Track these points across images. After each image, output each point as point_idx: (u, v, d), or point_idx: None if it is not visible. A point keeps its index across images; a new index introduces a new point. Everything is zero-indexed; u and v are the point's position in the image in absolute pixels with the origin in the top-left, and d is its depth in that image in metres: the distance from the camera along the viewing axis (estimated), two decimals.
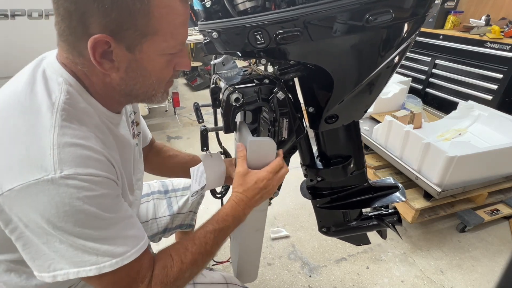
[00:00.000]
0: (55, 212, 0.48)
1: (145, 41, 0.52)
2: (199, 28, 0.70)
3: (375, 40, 0.62)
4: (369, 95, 0.74)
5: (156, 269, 0.60)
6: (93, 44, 0.49)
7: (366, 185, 0.94)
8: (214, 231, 0.68)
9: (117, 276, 0.55)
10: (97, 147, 0.54)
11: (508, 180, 1.72)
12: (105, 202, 0.53)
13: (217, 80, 0.78)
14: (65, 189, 0.48)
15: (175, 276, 0.60)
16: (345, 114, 0.76)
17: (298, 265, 1.57)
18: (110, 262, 0.53)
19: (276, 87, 0.70)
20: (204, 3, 0.66)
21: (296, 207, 1.94)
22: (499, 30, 2.22)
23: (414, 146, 1.63)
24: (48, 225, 0.48)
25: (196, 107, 0.81)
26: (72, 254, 0.51)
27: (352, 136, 0.85)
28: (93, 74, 0.56)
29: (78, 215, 0.49)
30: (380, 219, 1.00)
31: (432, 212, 1.66)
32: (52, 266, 0.52)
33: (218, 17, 0.67)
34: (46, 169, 0.47)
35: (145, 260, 0.59)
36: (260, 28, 0.57)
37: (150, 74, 0.58)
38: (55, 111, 0.51)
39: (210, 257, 0.68)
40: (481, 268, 1.56)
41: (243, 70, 0.79)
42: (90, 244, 0.51)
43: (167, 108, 3.27)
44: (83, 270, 0.52)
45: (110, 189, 0.55)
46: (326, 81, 0.67)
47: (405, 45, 0.65)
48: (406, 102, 2.35)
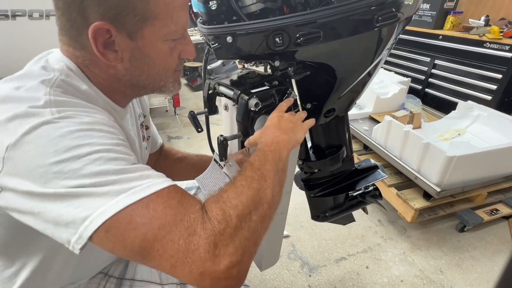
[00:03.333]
0: (57, 149, 0.42)
1: (146, 26, 0.51)
2: (202, 32, 0.68)
3: (378, 38, 0.65)
4: (362, 88, 0.79)
5: (207, 204, 0.46)
6: (94, 32, 0.49)
7: (353, 169, 1.00)
8: (254, 170, 0.53)
9: (161, 200, 0.42)
10: (101, 115, 0.51)
11: (507, 180, 1.73)
12: (112, 136, 0.48)
13: (215, 86, 0.76)
14: (63, 123, 0.44)
15: (233, 201, 0.45)
16: (341, 107, 0.81)
17: (298, 265, 1.57)
18: (141, 187, 0.43)
19: (288, 87, 0.71)
20: (209, 6, 0.64)
21: (296, 207, 1.94)
22: (498, 31, 2.22)
23: (414, 146, 1.64)
24: (55, 168, 0.41)
25: (193, 115, 0.77)
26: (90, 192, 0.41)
27: (344, 125, 0.91)
28: (96, 66, 0.55)
29: (82, 149, 0.42)
30: (364, 196, 1.07)
31: (432, 212, 1.66)
32: (78, 216, 0.41)
33: (220, 20, 0.65)
34: (43, 115, 0.44)
35: (186, 192, 0.47)
36: (281, 31, 0.57)
37: (155, 62, 0.56)
38: (50, 85, 0.49)
39: (267, 192, 0.50)
40: (481, 267, 1.56)
41: (241, 73, 0.78)
42: (105, 178, 0.42)
43: (167, 108, 3.27)
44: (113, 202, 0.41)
45: (118, 134, 0.50)
46: (330, 77, 0.70)
47: (394, 41, 0.70)
48: (405, 102, 2.35)
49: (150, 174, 0.46)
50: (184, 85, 4.44)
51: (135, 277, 0.80)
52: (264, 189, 0.49)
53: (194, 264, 0.40)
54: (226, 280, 0.41)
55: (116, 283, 0.77)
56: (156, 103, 3.09)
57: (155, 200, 0.42)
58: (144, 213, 0.40)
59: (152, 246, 0.40)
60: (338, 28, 0.59)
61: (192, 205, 0.44)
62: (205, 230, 0.41)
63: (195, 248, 0.40)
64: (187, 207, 0.43)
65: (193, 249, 0.40)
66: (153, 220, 0.40)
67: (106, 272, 0.78)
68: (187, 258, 0.40)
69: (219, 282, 0.40)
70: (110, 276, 0.78)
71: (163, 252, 0.40)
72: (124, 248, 0.41)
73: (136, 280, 0.79)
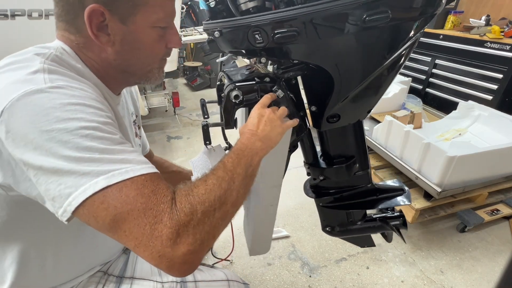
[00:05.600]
0: (49, 118, 0.45)
1: (137, 12, 0.55)
2: (203, 27, 0.71)
3: (373, 41, 0.62)
4: (371, 96, 0.74)
5: (177, 189, 0.50)
6: (89, 13, 0.52)
7: (370, 186, 0.93)
8: (229, 160, 0.57)
9: (134, 187, 0.46)
10: (93, 91, 0.54)
11: (508, 180, 1.72)
12: (101, 114, 0.50)
13: (222, 78, 0.79)
14: (55, 95, 0.47)
15: (201, 197, 0.49)
16: (347, 114, 0.77)
17: (298, 265, 1.57)
18: (119, 171, 0.45)
19: (274, 85, 0.71)
20: (208, 3, 0.68)
21: (296, 207, 1.94)
22: (499, 30, 2.21)
23: (414, 146, 1.63)
24: (44, 137, 0.44)
25: (202, 103, 0.84)
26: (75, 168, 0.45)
27: (354, 136, 0.85)
28: (89, 50, 0.59)
29: (71, 122, 0.45)
30: (385, 221, 0.99)
31: (432, 212, 1.66)
32: (64, 192, 0.45)
33: (222, 16, 0.69)
34: (36, 83, 0.48)
35: (162, 181, 0.50)
36: (258, 28, 0.59)
37: (144, 47, 0.60)
38: (45, 58, 0.53)
39: (238, 182, 0.55)
40: (481, 268, 1.56)
41: (247, 68, 0.80)
42: (87, 155, 0.45)
43: (167, 108, 3.26)
44: (91, 184, 0.44)
45: (107, 111, 0.53)
46: (327, 80, 0.68)
47: (406, 48, 0.64)
48: (406, 102, 2.35)
49: (132, 159, 0.48)
50: (184, 85, 4.43)
51: (134, 275, 0.80)
52: (231, 191, 0.53)
53: (155, 248, 0.44)
54: (181, 265, 0.45)
55: (116, 281, 0.77)
56: (156, 103, 3.07)
57: (129, 186, 0.45)
58: (116, 196, 0.44)
59: (120, 226, 0.44)
60: (316, 28, 0.57)
61: (165, 195, 0.47)
62: (171, 220, 0.45)
63: (158, 234, 0.44)
64: (159, 197, 0.46)
65: (156, 236, 0.44)
66: (124, 205, 0.44)
67: (105, 271, 0.78)
68: (150, 242, 0.44)
69: (174, 265, 0.45)
70: (109, 274, 0.78)
71: (129, 234, 0.44)
72: (96, 223, 0.45)
73: (136, 278, 0.79)
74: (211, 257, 1.61)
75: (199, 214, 0.47)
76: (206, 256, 1.61)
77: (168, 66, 2.46)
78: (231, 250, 1.52)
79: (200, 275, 0.84)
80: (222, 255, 1.58)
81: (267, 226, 0.96)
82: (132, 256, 0.85)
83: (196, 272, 0.86)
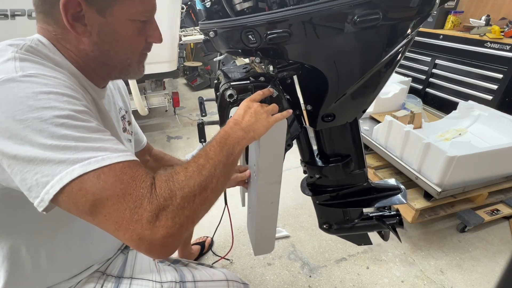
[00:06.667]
0: (22, 108, 0.45)
1: (115, 4, 0.55)
2: (199, 27, 0.72)
3: (364, 42, 0.62)
4: (365, 96, 0.75)
5: (157, 174, 0.51)
6: (65, 3, 0.52)
7: (366, 185, 0.94)
8: (211, 146, 0.59)
9: (111, 174, 0.46)
10: (67, 79, 0.53)
11: (508, 180, 1.72)
12: (75, 102, 0.50)
13: (219, 76, 0.80)
14: (27, 84, 0.47)
15: (181, 183, 0.49)
16: (342, 114, 0.78)
17: (298, 265, 1.57)
18: (96, 158, 0.46)
19: (269, 85, 0.72)
20: (204, 3, 0.69)
21: (296, 207, 1.94)
22: (499, 30, 2.21)
23: (414, 146, 1.63)
24: (18, 126, 0.44)
25: (201, 102, 0.85)
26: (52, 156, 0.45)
27: (350, 135, 0.86)
28: (67, 41, 0.58)
29: (45, 111, 0.45)
30: (381, 220, 1.00)
31: (432, 212, 1.66)
32: (40, 181, 0.45)
33: (218, 16, 0.69)
34: (7, 72, 0.47)
35: (141, 168, 0.50)
36: (250, 29, 0.59)
37: (123, 39, 0.60)
38: (19, 48, 0.53)
39: (217, 169, 0.55)
40: (481, 268, 1.55)
41: (243, 67, 0.81)
42: (64, 143, 0.45)
43: (167, 108, 3.26)
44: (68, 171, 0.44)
45: (82, 100, 0.52)
46: (322, 80, 0.69)
47: (397, 50, 0.65)
48: (406, 102, 2.35)
49: (108, 147, 0.48)
50: (184, 85, 4.43)
51: (133, 275, 0.79)
52: (211, 178, 0.53)
53: (135, 231, 0.45)
54: (160, 247, 0.46)
55: (114, 282, 0.76)
56: (156, 103, 3.07)
57: (106, 172, 0.45)
58: (94, 183, 0.45)
59: (100, 211, 0.45)
60: (308, 29, 0.58)
61: (144, 181, 0.47)
62: (150, 205, 0.45)
63: (138, 218, 0.45)
64: (138, 182, 0.47)
65: (136, 219, 0.45)
66: (102, 191, 0.45)
67: (103, 271, 0.78)
68: (129, 226, 0.44)
69: (154, 247, 0.46)
70: (108, 274, 0.77)
71: (109, 218, 0.45)
72: (77, 209, 0.46)
73: (134, 278, 0.79)
74: (211, 256, 1.61)
75: (178, 199, 0.48)
76: (206, 256, 1.61)
77: (168, 66, 2.47)
78: (230, 248, 1.52)
79: (199, 275, 0.84)
80: (222, 254, 1.58)
81: (270, 224, 0.97)
82: (131, 256, 0.85)
83: (195, 271, 0.86)
